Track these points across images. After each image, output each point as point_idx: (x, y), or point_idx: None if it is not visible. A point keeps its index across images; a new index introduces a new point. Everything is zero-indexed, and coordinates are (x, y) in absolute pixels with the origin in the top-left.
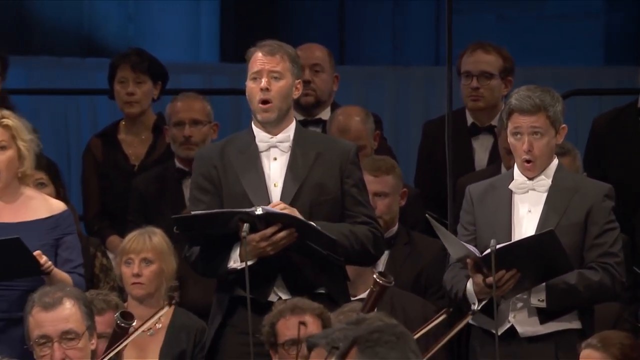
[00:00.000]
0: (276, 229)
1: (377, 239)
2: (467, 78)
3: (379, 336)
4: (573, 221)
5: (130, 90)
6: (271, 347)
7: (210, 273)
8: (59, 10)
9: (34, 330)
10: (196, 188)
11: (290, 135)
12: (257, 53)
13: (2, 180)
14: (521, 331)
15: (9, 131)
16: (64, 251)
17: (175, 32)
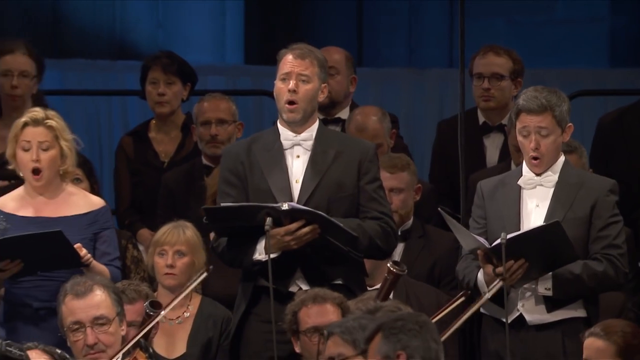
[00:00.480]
0: (300, 224)
1: (387, 233)
2: (478, 79)
3: (403, 324)
4: (578, 215)
5: (161, 90)
6: (293, 334)
7: (236, 263)
8: (92, 15)
9: (67, 317)
10: (224, 182)
11: (313, 134)
12: (288, 55)
13: (45, 177)
14: (529, 319)
15: (53, 132)
16: (101, 245)
17: (201, 36)
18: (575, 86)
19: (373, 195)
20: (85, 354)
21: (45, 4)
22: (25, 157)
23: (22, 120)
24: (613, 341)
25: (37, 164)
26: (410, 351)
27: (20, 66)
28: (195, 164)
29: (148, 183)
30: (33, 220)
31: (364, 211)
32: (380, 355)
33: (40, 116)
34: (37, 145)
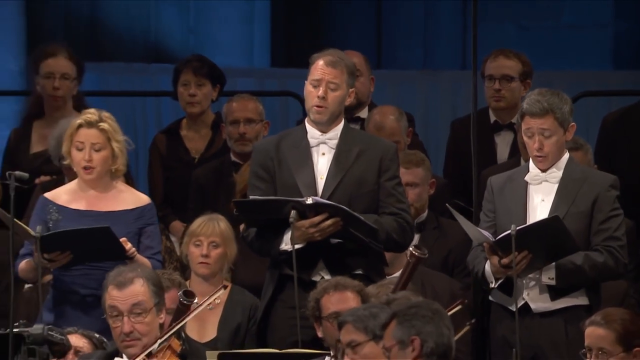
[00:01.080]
0: (324, 217)
1: (403, 228)
2: (490, 81)
3: (417, 311)
4: (581, 209)
5: (192, 92)
6: (316, 320)
7: (264, 252)
8: (128, 21)
9: (107, 305)
10: (254, 176)
11: (338, 134)
12: (320, 61)
13: (95, 174)
14: (534, 307)
15: (105, 134)
16: (145, 239)
17: (230, 41)
18: (581, 87)
19: (392, 192)
20: (122, 340)
21: (85, 11)
22: (79, 156)
23: (77, 122)
24: (613, 329)
25: (88, 164)
26: (424, 336)
27: (62, 69)
28: (224, 161)
29: (179, 178)
30: (84, 214)
31: (383, 206)
32: (395, 340)
33: (94, 119)
34: (90, 146)
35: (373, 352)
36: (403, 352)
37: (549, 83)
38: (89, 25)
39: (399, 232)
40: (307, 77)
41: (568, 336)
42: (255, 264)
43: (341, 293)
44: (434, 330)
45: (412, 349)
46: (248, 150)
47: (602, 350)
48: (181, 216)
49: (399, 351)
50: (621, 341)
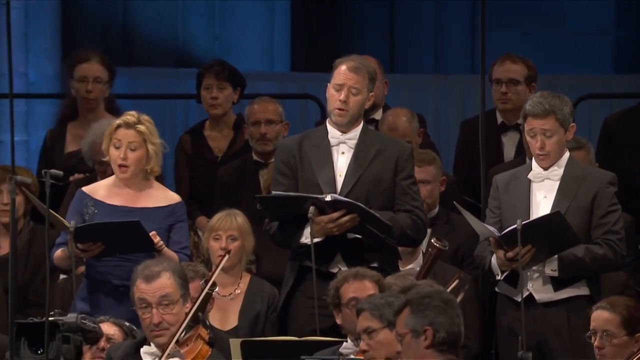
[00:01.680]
0: (341, 213)
1: (416, 224)
2: (497, 84)
3: (429, 301)
4: (581, 204)
5: (214, 95)
6: (335, 307)
7: (285, 245)
8: (157, 29)
9: (136, 297)
10: (278, 173)
11: (357, 134)
12: (342, 66)
13: (129, 172)
14: (538, 298)
15: (141, 135)
16: (175, 234)
17: (253, 47)
18: (583, 90)
19: (407, 190)
20: (151, 330)
21: (117, 20)
22: (115, 153)
23: (117, 122)
24: (618, 313)
25: (123, 162)
26: (437, 327)
27: (94, 73)
28: (246, 160)
29: (204, 176)
30: (118, 209)
31: (398, 204)
32: (409, 329)
33: (133, 120)
34: (126, 145)
35: (387, 338)
36: (416, 340)
37: (553, 86)
38: (120, 33)
39: (413, 228)
40: (330, 81)
41: (570, 324)
42: (277, 257)
43: (360, 282)
44: (445, 320)
45: (424, 338)
46: (269, 149)
47: (607, 332)
48: (206, 212)
49: (412, 339)
50: (625, 325)
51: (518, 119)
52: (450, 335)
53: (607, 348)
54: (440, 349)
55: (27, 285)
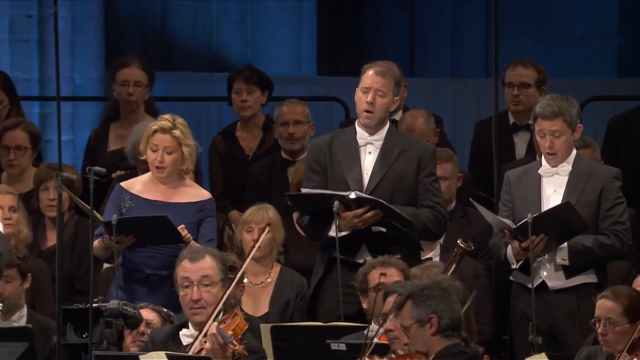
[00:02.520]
0: (365, 209)
1: (438, 220)
2: (509, 87)
3: (429, 292)
4: (589, 198)
5: (243, 98)
6: (362, 293)
7: (316, 237)
8: (193, 36)
9: (180, 275)
10: (309, 170)
11: (383, 135)
12: (370, 71)
13: (166, 173)
14: (550, 285)
15: (176, 140)
16: (204, 228)
17: (282, 53)
18: (589, 93)
19: (429, 187)
20: (190, 307)
21: (156, 28)
22: (153, 156)
23: (153, 127)
24: (620, 302)
25: (160, 164)
26: (440, 314)
27: (135, 77)
28: (276, 158)
29: (236, 173)
30: (153, 203)
31: (421, 200)
32: (414, 320)
33: (168, 125)
34: (163, 149)
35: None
36: (422, 329)
37: (561, 89)
38: (159, 40)
39: (435, 222)
40: (358, 85)
41: (580, 309)
42: (304, 248)
43: (387, 269)
44: (447, 307)
45: (430, 326)
46: (296, 148)
47: (610, 320)
48: (238, 207)
49: (418, 329)
50: (627, 314)
51: (529, 119)
52: (453, 321)
53: (609, 335)
54: (445, 335)
55: (72, 274)
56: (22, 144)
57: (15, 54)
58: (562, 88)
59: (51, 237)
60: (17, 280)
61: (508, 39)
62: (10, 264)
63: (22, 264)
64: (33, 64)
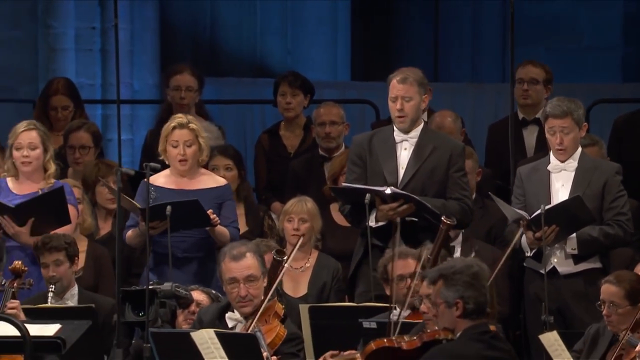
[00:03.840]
0: (400, 203)
1: (464, 210)
2: (520, 83)
3: (459, 277)
4: (594, 191)
5: (288, 100)
6: (385, 282)
7: (355, 225)
8: (239, 45)
9: (225, 274)
10: (351, 162)
11: (418, 133)
12: (393, 81)
13: (189, 165)
14: (560, 270)
15: (194, 132)
16: (224, 211)
17: (319, 60)
18: (596, 96)
19: (458, 181)
20: (238, 302)
21: (205, 38)
22: (174, 151)
23: (171, 125)
24: (622, 287)
25: (183, 157)
26: (466, 299)
27: (187, 83)
28: (314, 155)
29: (278, 168)
30: (175, 192)
31: (450, 192)
32: (443, 300)
33: (184, 121)
34: (183, 143)
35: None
36: (449, 310)
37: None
38: (208, 49)
39: (462, 213)
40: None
41: (587, 292)
42: (339, 236)
43: (404, 260)
44: (473, 293)
45: (456, 309)
46: (332, 146)
47: (613, 303)
48: (280, 198)
49: (445, 308)
50: (628, 297)
51: (536, 113)
52: (478, 305)
53: (613, 316)
54: (470, 317)
55: (129, 259)
56: (85, 143)
57: (80, 62)
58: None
59: (104, 227)
60: (66, 263)
61: (523, 47)
62: (58, 248)
63: (69, 249)
64: (96, 70)
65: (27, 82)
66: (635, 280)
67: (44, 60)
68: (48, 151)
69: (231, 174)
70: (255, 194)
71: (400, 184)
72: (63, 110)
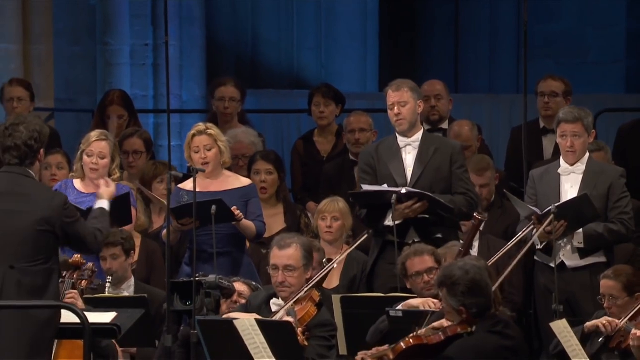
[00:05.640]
0: (414, 201)
1: (470, 204)
2: (541, 96)
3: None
4: (600, 192)
5: (321, 110)
6: (404, 277)
7: (373, 226)
8: (277, 60)
9: (270, 260)
10: (362, 171)
11: (419, 138)
12: (389, 91)
13: (211, 167)
14: (568, 264)
15: (212, 137)
16: (250, 207)
17: (350, 73)
18: (602, 106)
19: (461, 177)
20: (277, 286)
21: (247, 53)
22: (197, 157)
23: (191, 133)
24: (620, 281)
25: (204, 160)
26: (469, 306)
27: (230, 94)
28: (345, 159)
29: (312, 171)
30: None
31: (455, 188)
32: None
33: (203, 128)
34: (203, 148)
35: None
36: (456, 313)
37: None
38: (249, 63)
39: (467, 206)
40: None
41: (592, 284)
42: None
43: (420, 257)
44: (475, 300)
45: (462, 314)
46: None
47: (612, 296)
48: (314, 199)
49: (452, 311)
50: (626, 289)
51: None
52: (481, 308)
53: (613, 308)
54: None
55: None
56: (138, 149)
57: (134, 76)
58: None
59: (157, 221)
60: (122, 257)
61: (535, 62)
62: (115, 243)
63: (125, 243)
64: (149, 83)
65: (86, 94)
66: (631, 274)
67: (101, 74)
68: (115, 161)
69: (272, 177)
70: (292, 195)
71: (409, 185)
72: (118, 119)
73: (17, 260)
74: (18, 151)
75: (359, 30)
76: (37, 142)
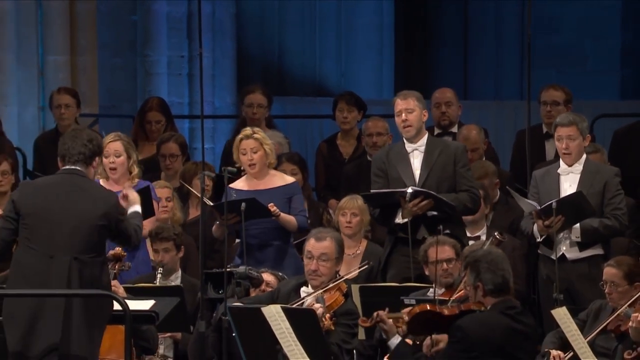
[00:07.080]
0: (421, 199)
1: (473, 200)
2: (544, 105)
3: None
4: (596, 190)
5: (344, 115)
6: (424, 264)
7: (385, 224)
8: (302, 69)
9: (306, 248)
10: (374, 175)
11: (424, 142)
12: (397, 100)
13: (257, 168)
14: (568, 256)
15: (258, 140)
16: (294, 203)
17: (368, 81)
18: (599, 111)
19: (464, 175)
20: (309, 274)
21: (274, 63)
22: (244, 158)
23: (239, 137)
24: (621, 269)
25: (251, 161)
26: (485, 282)
27: (258, 101)
28: (363, 160)
29: (335, 171)
30: (251, 192)
31: (459, 186)
32: (470, 284)
33: (249, 132)
34: (250, 150)
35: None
36: (475, 291)
37: (578, 109)
38: (276, 72)
39: (471, 202)
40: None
41: (591, 274)
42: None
43: (441, 247)
44: (490, 276)
45: (479, 289)
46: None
47: (613, 283)
48: (336, 196)
49: (473, 289)
50: (626, 277)
51: None
52: (497, 285)
53: (614, 294)
54: (492, 295)
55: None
56: (174, 152)
57: (171, 84)
58: (579, 108)
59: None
60: (173, 251)
61: (538, 70)
62: (168, 238)
63: (177, 239)
64: (184, 91)
65: (127, 101)
66: (632, 264)
67: (141, 83)
68: (131, 157)
69: (296, 177)
70: (315, 193)
71: (417, 185)
72: (157, 124)
73: (80, 252)
74: (78, 156)
75: (376, 42)
76: (95, 147)
